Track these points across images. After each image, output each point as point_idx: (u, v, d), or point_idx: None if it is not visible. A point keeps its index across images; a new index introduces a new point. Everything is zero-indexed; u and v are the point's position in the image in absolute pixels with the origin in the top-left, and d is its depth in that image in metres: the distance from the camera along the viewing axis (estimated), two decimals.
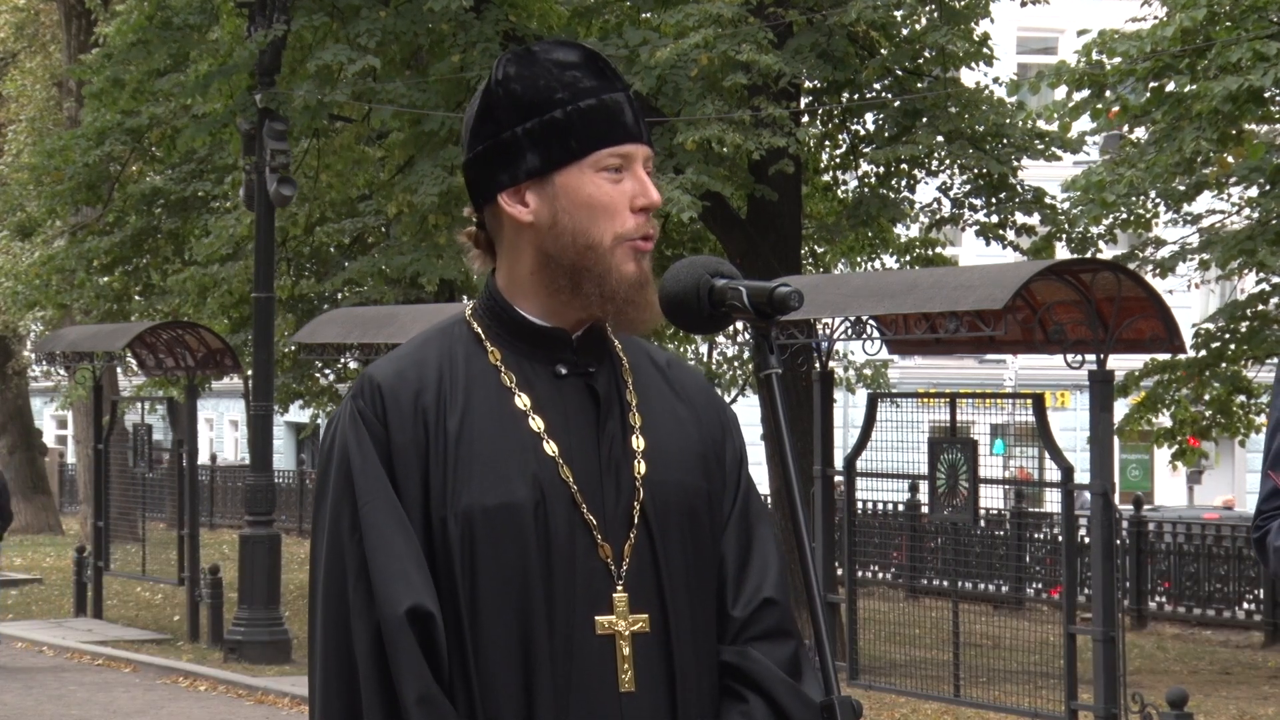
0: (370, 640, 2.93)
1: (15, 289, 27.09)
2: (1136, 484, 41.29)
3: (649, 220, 3.03)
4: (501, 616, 2.95)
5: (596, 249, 3.00)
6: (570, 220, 3.00)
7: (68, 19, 30.55)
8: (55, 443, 55.51)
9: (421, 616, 2.92)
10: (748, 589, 3.09)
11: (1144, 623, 22.00)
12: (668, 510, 3.05)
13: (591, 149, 3.01)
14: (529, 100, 3.02)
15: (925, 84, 18.73)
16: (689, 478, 3.08)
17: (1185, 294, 28.71)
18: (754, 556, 3.11)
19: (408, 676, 2.90)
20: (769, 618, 3.08)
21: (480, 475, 2.98)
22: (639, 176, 3.03)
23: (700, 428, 3.13)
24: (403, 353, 3.07)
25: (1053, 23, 36.68)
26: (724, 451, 3.15)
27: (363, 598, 2.94)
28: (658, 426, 3.09)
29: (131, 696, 16.53)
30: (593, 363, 3.08)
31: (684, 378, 3.18)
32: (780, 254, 18.81)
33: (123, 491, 22.12)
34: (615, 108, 3.04)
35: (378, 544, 2.95)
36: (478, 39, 17.93)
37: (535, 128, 3.01)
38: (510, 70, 3.06)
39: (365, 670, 2.92)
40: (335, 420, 3.06)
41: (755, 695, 3.04)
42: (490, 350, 3.06)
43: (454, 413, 3.00)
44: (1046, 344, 12.87)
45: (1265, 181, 18.53)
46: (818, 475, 14.13)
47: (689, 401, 3.15)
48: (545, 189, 3.01)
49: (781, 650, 3.06)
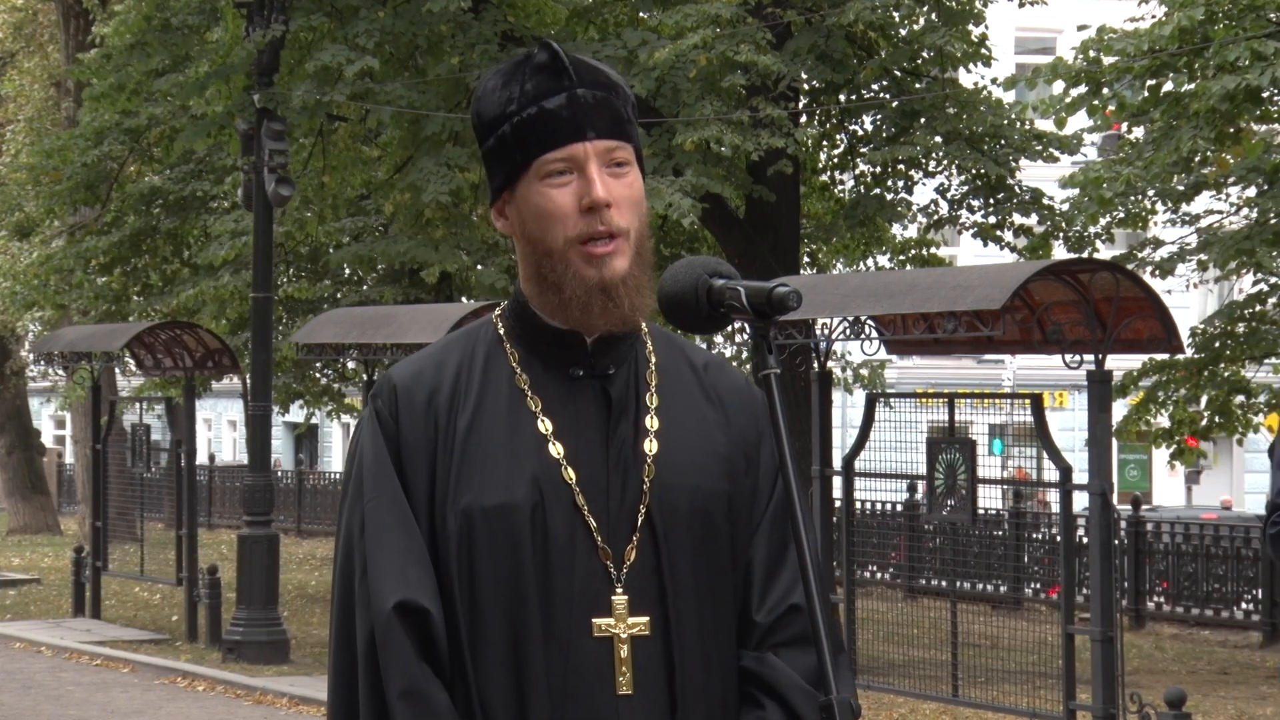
0: (366, 636, 2.97)
1: (14, 289, 27.07)
2: (1135, 484, 41.29)
3: (598, 218, 3.01)
4: (496, 615, 2.98)
5: (552, 255, 3.03)
6: (530, 229, 3.05)
7: (66, 19, 30.54)
8: (53, 443, 55.51)
9: (412, 611, 2.95)
10: (774, 595, 3.08)
11: (1142, 623, 22.00)
12: (676, 514, 3.04)
13: (532, 157, 3.03)
14: (489, 118, 3.08)
15: (923, 85, 18.74)
16: (706, 481, 3.07)
17: (1184, 294, 28.73)
18: (786, 563, 3.09)
19: (393, 671, 2.94)
20: (795, 625, 3.07)
21: (482, 475, 3.00)
22: (589, 175, 3.02)
23: (729, 431, 3.12)
24: (426, 353, 3.12)
25: (1051, 23, 36.67)
26: (758, 455, 3.13)
27: (364, 595, 2.98)
28: (678, 429, 3.09)
29: (130, 697, 16.53)
30: (612, 364, 3.09)
31: (720, 380, 3.17)
32: (778, 254, 18.82)
33: (121, 492, 22.11)
34: (555, 111, 3.03)
35: (377, 541, 2.99)
36: (476, 40, 17.94)
37: (494, 145, 3.08)
38: (486, 87, 3.11)
39: (360, 666, 2.98)
40: (360, 423, 3.13)
41: (772, 701, 3.04)
42: (510, 351, 3.09)
43: (465, 412, 3.04)
44: (1045, 344, 12.87)
45: (1263, 181, 18.53)
46: (816, 475, 14.13)
47: (720, 404, 3.14)
48: (512, 202, 3.08)
49: (807, 658, 3.04)
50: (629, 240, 3.03)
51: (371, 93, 18.19)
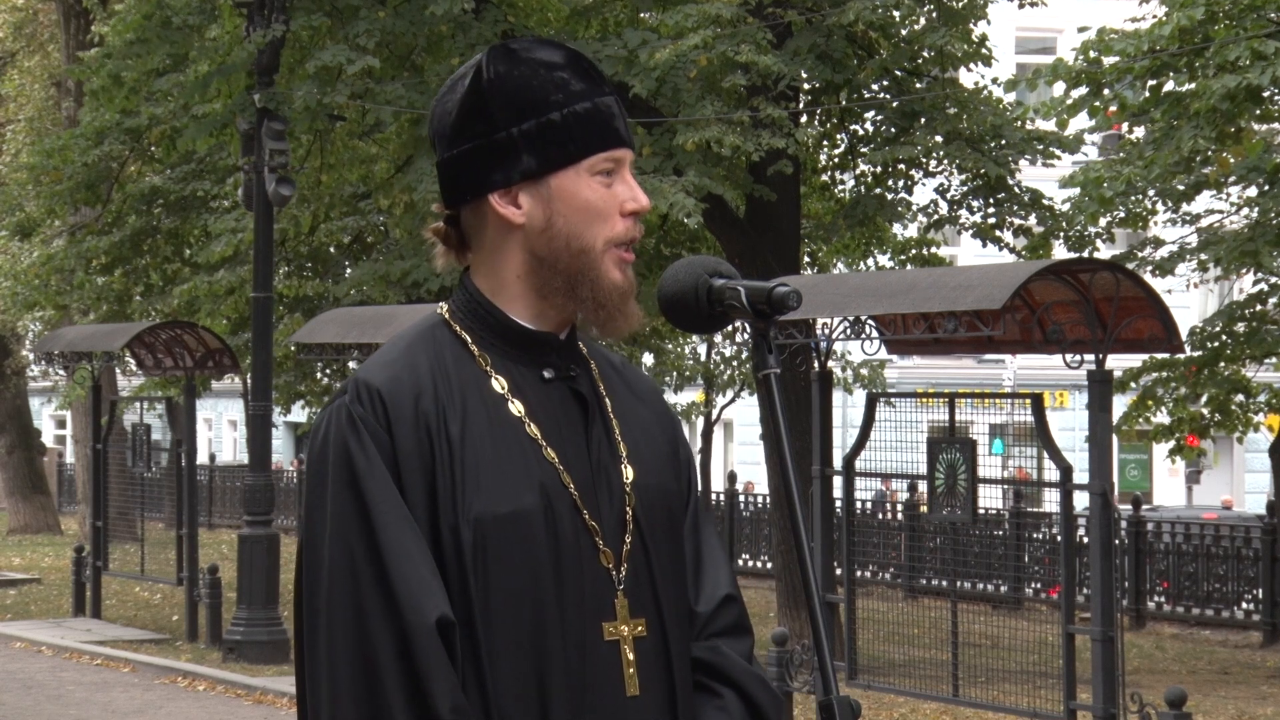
0: (396, 648, 2.87)
1: (14, 289, 27.07)
2: (1135, 484, 41.29)
3: (636, 224, 3.04)
4: (515, 624, 2.94)
5: (589, 253, 2.99)
6: (565, 224, 2.99)
7: (66, 18, 30.54)
8: (54, 442, 55.54)
9: (447, 626, 2.89)
10: (707, 586, 3.13)
11: (1143, 623, 22.01)
12: (654, 514, 3.07)
13: (587, 153, 3.00)
14: (524, 101, 3.00)
15: (923, 85, 18.73)
16: (665, 480, 3.11)
17: (1184, 293, 28.74)
18: (706, 555, 3.15)
19: (442, 687, 2.86)
20: (730, 614, 3.12)
21: (489, 482, 2.96)
22: (627, 180, 3.03)
23: (662, 429, 3.16)
24: (391, 357, 3.02)
25: (1051, 23, 36.69)
26: (678, 452, 3.18)
27: (380, 605, 2.88)
28: (633, 429, 3.11)
29: (130, 696, 16.53)
30: (573, 365, 3.09)
31: (637, 380, 3.20)
32: (779, 254, 18.81)
33: (121, 491, 22.12)
34: (608, 112, 3.03)
35: (399, 552, 2.90)
36: (476, 40, 17.93)
37: (532, 129, 2.99)
38: (500, 68, 3.03)
39: (393, 678, 2.87)
40: (325, 425, 2.99)
41: (729, 689, 3.08)
42: (478, 355, 3.04)
43: (454, 419, 2.98)
44: (1045, 344, 12.86)
45: (1264, 181, 18.53)
46: (816, 475, 14.13)
47: (647, 403, 3.17)
48: (540, 191, 3.00)
49: (744, 645, 3.13)
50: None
51: (371, 92, 18.19)
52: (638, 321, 3.05)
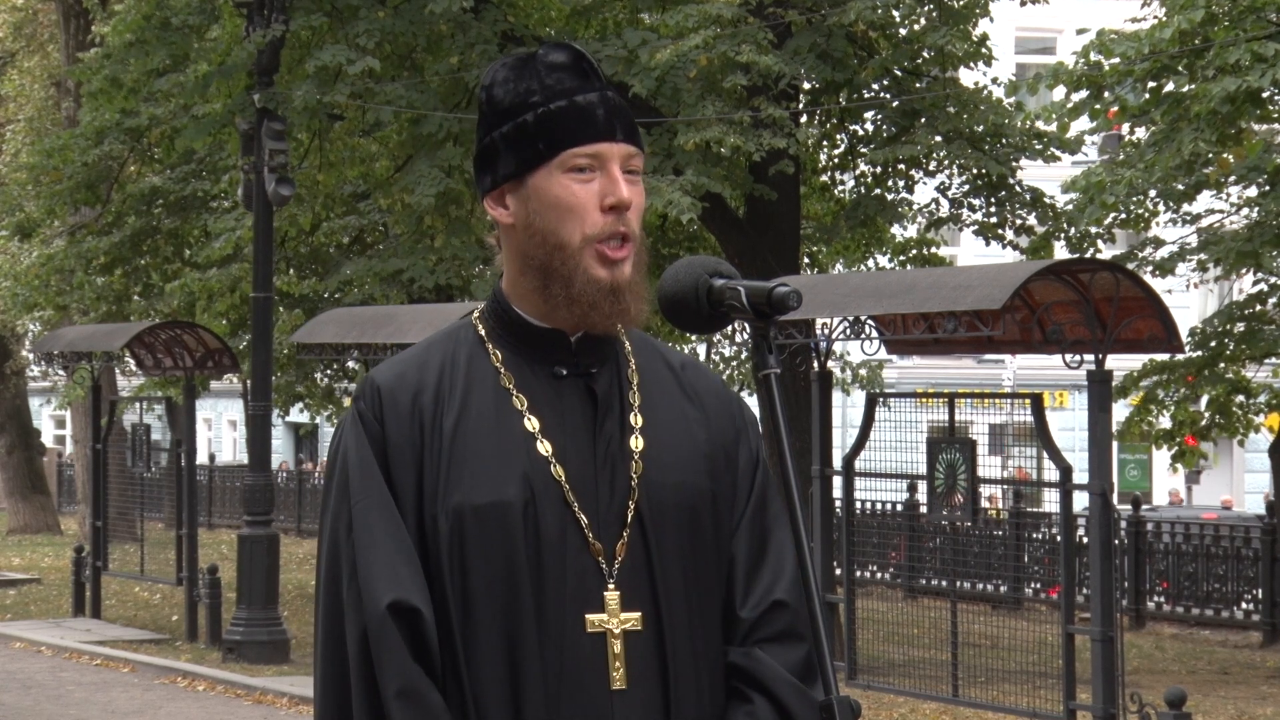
0: (359, 637, 2.97)
1: (14, 289, 27.07)
2: (1135, 484, 41.27)
3: (619, 219, 3.03)
4: (490, 613, 2.99)
5: (565, 249, 3.02)
6: (541, 221, 3.04)
7: (66, 19, 30.53)
8: (53, 442, 55.52)
9: (405, 611, 2.95)
10: (758, 591, 3.10)
11: (1142, 623, 22.00)
12: (664, 510, 3.06)
13: (559, 149, 3.03)
14: (506, 105, 3.07)
15: (924, 84, 18.73)
16: (691, 478, 3.09)
17: (1184, 294, 28.74)
18: (768, 559, 3.12)
19: (388, 670, 2.94)
20: (779, 620, 3.09)
21: (472, 474, 3.01)
22: (611, 175, 3.04)
23: (709, 429, 3.14)
24: (408, 355, 3.12)
25: (1051, 23, 36.68)
26: (736, 453, 3.15)
27: (355, 596, 2.99)
28: (661, 427, 3.10)
29: (130, 696, 16.53)
30: (595, 363, 3.10)
31: (698, 380, 3.19)
32: (779, 254, 18.81)
33: (121, 491, 22.11)
34: (587, 107, 3.05)
35: (366, 541, 3.00)
36: (476, 40, 17.94)
37: (510, 131, 3.06)
38: (497, 76, 3.11)
39: (353, 666, 2.98)
40: (340, 427, 3.12)
41: (761, 696, 3.06)
42: (492, 352, 3.10)
43: (450, 412, 3.04)
44: (1045, 344, 12.86)
45: (1265, 181, 18.53)
46: (816, 475, 14.13)
47: (700, 403, 3.16)
48: (520, 191, 3.06)
49: (792, 653, 3.08)
50: (635, 246, 3.06)
51: (371, 92, 18.19)
52: (636, 316, 3.06)
